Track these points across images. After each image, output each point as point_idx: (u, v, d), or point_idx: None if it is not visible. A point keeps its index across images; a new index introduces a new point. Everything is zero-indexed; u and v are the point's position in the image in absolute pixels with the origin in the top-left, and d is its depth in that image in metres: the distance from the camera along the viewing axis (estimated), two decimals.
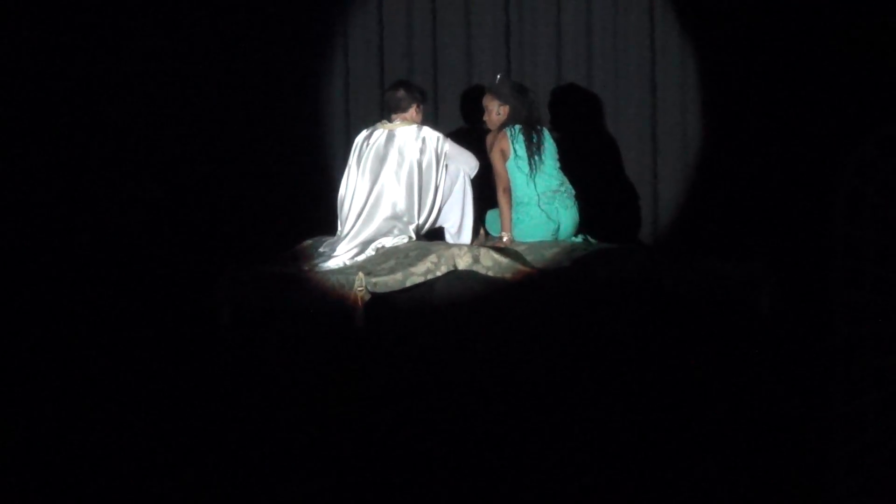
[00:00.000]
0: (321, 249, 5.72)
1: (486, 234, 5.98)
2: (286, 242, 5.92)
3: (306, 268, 5.49)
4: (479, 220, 5.95)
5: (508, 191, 5.74)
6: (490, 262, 5.22)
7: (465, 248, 5.32)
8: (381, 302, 5.11)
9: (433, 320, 5.11)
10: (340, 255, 5.56)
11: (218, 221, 6.58)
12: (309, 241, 5.88)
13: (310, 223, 6.05)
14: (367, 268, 5.26)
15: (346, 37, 6.73)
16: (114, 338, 5.28)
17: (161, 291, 5.89)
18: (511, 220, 5.72)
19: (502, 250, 5.39)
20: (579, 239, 5.78)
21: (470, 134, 6.29)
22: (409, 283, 5.15)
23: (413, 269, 5.17)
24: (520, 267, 5.21)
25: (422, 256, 5.24)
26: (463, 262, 5.22)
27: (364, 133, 5.82)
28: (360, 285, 5.06)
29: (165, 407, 4.33)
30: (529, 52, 6.52)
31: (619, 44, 6.43)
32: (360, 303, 5.05)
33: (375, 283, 5.11)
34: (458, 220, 5.84)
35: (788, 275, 5.29)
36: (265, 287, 5.31)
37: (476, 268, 5.21)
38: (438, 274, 5.18)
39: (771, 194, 6.02)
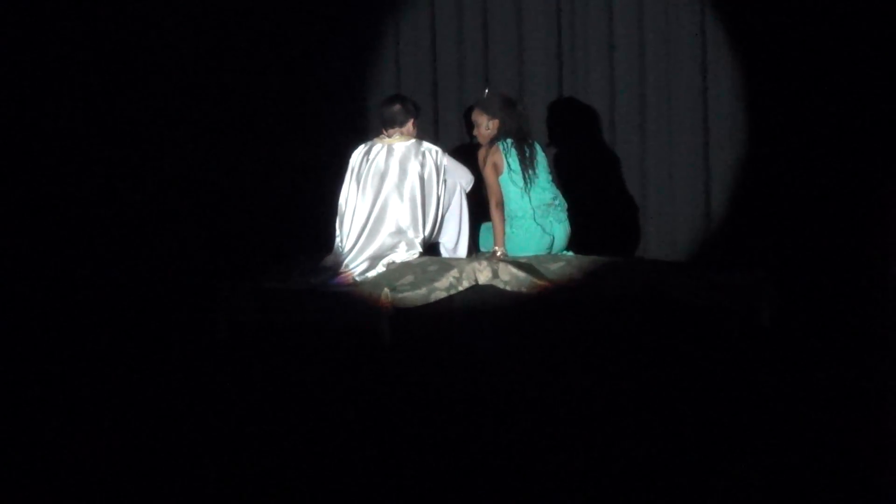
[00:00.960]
0: (323, 264, 5.67)
1: (476, 249, 5.97)
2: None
3: (314, 283, 5.45)
4: (474, 235, 5.95)
5: (501, 205, 5.74)
6: (508, 277, 5.27)
7: (485, 263, 5.36)
8: (404, 316, 5.13)
9: (453, 333, 5.15)
10: (347, 271, 5.55)
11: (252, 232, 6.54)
12: (302, 256, 5.84)
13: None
14: (386, 283, 5.25)
15: (397, 59, 6.71)
16: (112, 347, 5.27)
17: (159, 303, 5.87)
18: (504, 234, 5.73)
19: (519, 264, 5.41)
20: (570, 253, 5.80)
21: (468, 150, 6.30)
22: (433, 298, 5.17)
23: (436, 284, 5.20)
24: (536, 281, 5.26)
25: (443, 272, 5.27)
26: (483, 277, 5.27)
27: (362, 148, 5.78)
28: (387, 300, 5.07)
29: (163, 418, 4.34)
30: (583, 66, 6.51)
31: (671, 57, 6.42)
32: (386, 317, 5.06)
33: (400, 299, 5.12)
34: (454, 234, 5.85)
35: (821, 285, 5.42)
36: (269, 301, 5.28)
37: (495, 282, 5.27)
38: (461, 289, 5.22)
39: (820, 204, 6.09)
